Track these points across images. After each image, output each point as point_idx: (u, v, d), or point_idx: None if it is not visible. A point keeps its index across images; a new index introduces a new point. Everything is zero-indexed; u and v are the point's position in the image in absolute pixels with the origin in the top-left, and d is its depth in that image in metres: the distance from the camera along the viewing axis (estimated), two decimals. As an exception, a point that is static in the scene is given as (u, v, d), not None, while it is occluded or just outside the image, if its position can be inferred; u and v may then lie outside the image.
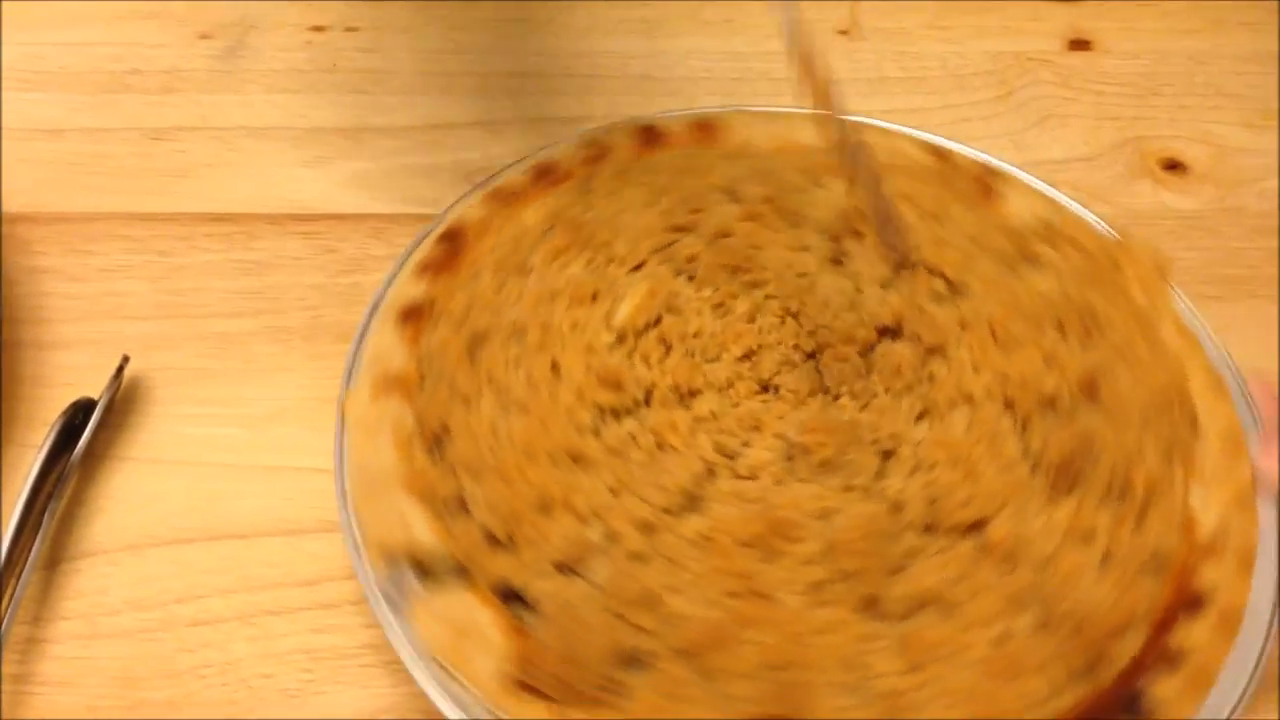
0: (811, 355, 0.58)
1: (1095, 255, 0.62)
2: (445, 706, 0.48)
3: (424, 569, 0.52)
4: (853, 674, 0.49)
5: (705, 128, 0.67)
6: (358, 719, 0.54)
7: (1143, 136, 0.79)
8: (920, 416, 0.56)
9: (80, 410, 0.59)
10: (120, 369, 0.61)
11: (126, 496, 0.59)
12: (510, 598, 0.51)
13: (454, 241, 0.63)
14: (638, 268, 0.61)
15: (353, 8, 0.82)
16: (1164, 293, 0.61)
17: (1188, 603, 0.50)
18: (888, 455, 0.55)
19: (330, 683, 0.54)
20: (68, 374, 0.63)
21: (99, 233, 0.69)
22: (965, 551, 0.51)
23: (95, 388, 0.60)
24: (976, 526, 0.52)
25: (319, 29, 0.81)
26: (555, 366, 0.57)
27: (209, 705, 0.53)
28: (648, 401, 0.56)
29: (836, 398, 0.57)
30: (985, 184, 0.65)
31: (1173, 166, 0.77)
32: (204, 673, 0.54)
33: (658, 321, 0.59)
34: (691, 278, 0.60)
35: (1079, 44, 0.84)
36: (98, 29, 0.80)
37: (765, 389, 0.57)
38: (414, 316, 0.60)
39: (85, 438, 0.58)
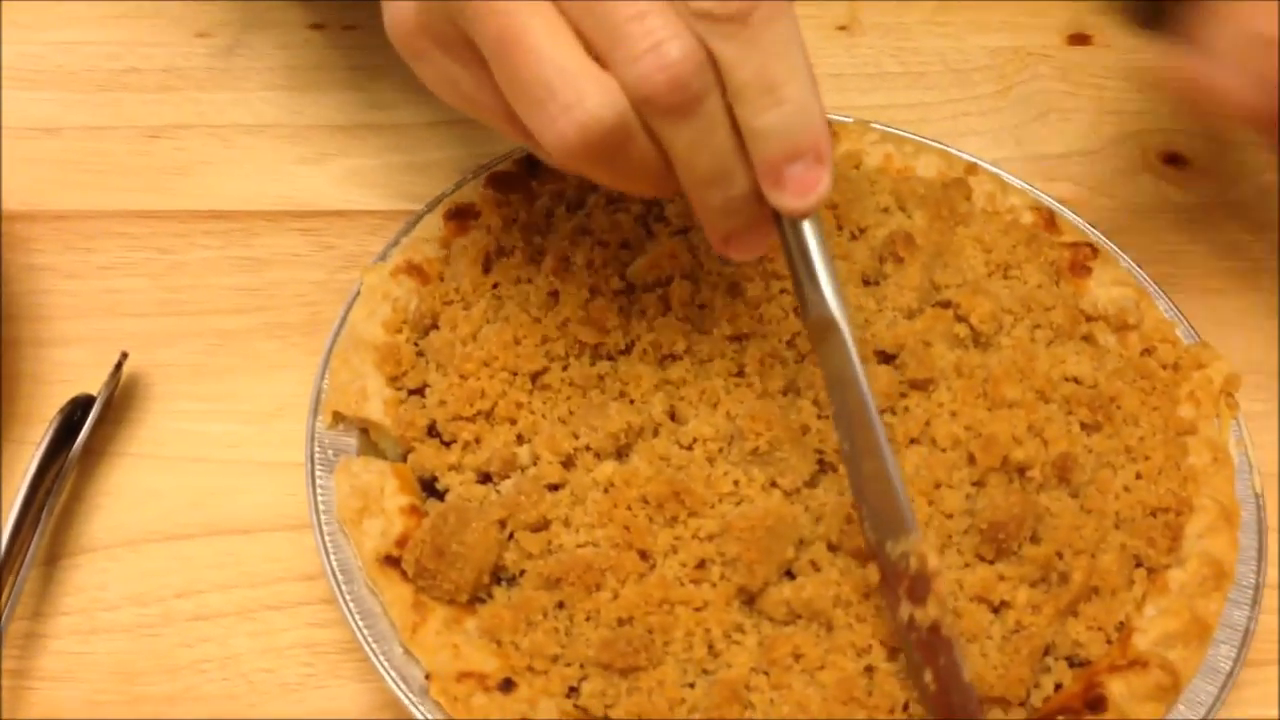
0: (803, 357, 0.57)
1: (1158, 355, 0.60)
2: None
3: (367, 439, 0.56)
4: (704, 656, 0.49)
5: None
6: (358, 714, 0.53)
7: (1143, 130, 0.79)
8: None
9: (79, 406, 0.59)
10: (119, 365, 0.61)
11: (125, 492, 0.59)
12: (429, 488, 0.54)
13: (535, 165, 0.65)
14: (680, 232, 0.61)
15: (350, 5, 0.82)
16: (1218, 412, 0.59)
17: (1088, 703, 0.49)
18: (826, 468, 0.54)
19: (331, 677, 0.54)
20: (66, 370, 0.63)
21: (97, 230, 0.69)
22: (861, 579, 0.51)
23: (94, 384, 0.60)
24: None
25: (317, 27, 0.81)
26: (555, 294, 0.58)
27: (209, 699, 0.53)
28: (627, 351, 0.57)
29: (801, 400, 0.56)
30: (1080, 259, 0.64)
31: (1173, 160, 0.77)
32: (204, 667, 0.54)
33: (668, 281, 0.59)
34: None
35: (1079, 38, 0.84)
36: (95, 28, 0.80)
37: (740, 373, 0.57)
38: (459, 216, 0.63)
39: (84, 434, 0.58)
